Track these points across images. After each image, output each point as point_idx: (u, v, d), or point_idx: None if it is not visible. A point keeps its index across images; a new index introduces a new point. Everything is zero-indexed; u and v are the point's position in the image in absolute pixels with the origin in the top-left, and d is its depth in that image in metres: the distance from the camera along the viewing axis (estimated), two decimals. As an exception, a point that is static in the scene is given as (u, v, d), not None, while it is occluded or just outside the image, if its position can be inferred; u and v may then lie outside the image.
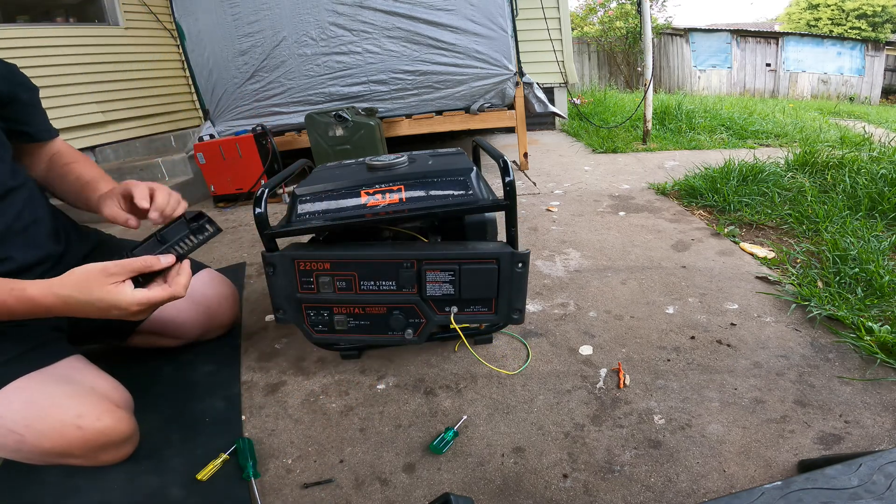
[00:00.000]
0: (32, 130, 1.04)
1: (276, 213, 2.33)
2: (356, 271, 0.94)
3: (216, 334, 1.23)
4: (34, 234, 0.93)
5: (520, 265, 0.92)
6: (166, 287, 0.77)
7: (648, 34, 3.29)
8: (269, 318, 1.37)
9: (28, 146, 1.06)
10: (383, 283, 0.95)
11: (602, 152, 3.31)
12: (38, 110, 1.05)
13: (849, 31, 12.51)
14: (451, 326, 0.95)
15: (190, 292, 1.12)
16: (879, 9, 12.35)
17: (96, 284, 0.72)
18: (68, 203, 1.07)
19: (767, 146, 3.32)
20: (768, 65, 11.37)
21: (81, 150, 2.51)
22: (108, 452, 0.83)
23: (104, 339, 1.14)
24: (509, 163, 0.91)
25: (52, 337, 0.90)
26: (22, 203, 0.92)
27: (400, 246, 0.96)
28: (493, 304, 0.97)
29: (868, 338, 1.03)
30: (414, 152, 1.15)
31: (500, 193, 0.92)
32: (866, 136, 2.86)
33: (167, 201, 0.90)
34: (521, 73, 2.73)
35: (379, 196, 0.92)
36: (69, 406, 0.78)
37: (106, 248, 1.10)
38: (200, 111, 3.14)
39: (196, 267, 1.18)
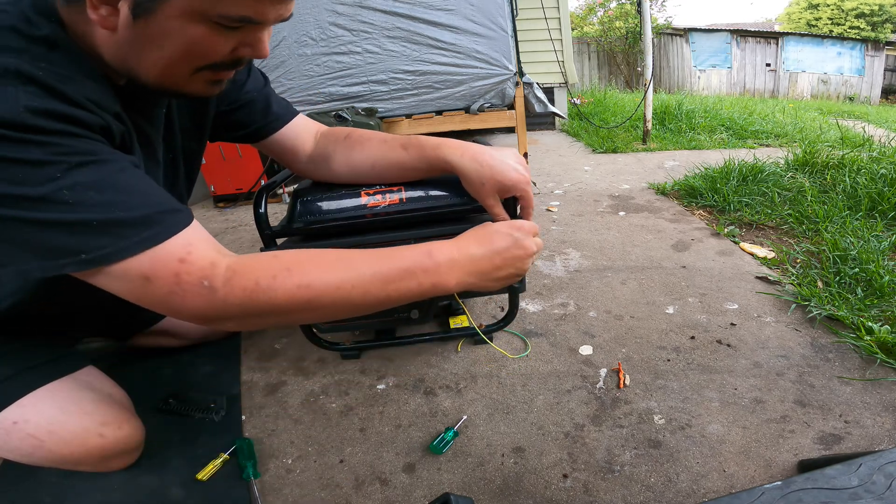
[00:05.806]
0: (248, 131, 0.90)
1: (276, 213, 2.33)
2: None
3: (220, 335, 1.23)
4: None
5: None
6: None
7: (648, 34, 3.29)
8: (269, 318, 1.37)
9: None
10: None
11: (602, 152, 3.31)
12: (257, 106, 0.87)
13: (848, 30, 12.53)
14: (456, 301, 0.97)
15: None
16: (877, 7, 12.37)
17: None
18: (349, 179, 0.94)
19: (767, 146, 3.32)
20: (768, 65, 11.38)
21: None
22: (120, 459, 0.83)
23: (107, 339, 1.14)
24: None
25: (70, 349, 0.90)
26: None
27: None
28: None
29: (868, 338, 1.03)
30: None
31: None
32: (866, 136, 2.85)
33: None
34: (521, 73, 2.73)
35: (379, 196, 0.92)
36: (95, 413, 0.78)
37: None
38: (200, 111, 3.13)
39: None
